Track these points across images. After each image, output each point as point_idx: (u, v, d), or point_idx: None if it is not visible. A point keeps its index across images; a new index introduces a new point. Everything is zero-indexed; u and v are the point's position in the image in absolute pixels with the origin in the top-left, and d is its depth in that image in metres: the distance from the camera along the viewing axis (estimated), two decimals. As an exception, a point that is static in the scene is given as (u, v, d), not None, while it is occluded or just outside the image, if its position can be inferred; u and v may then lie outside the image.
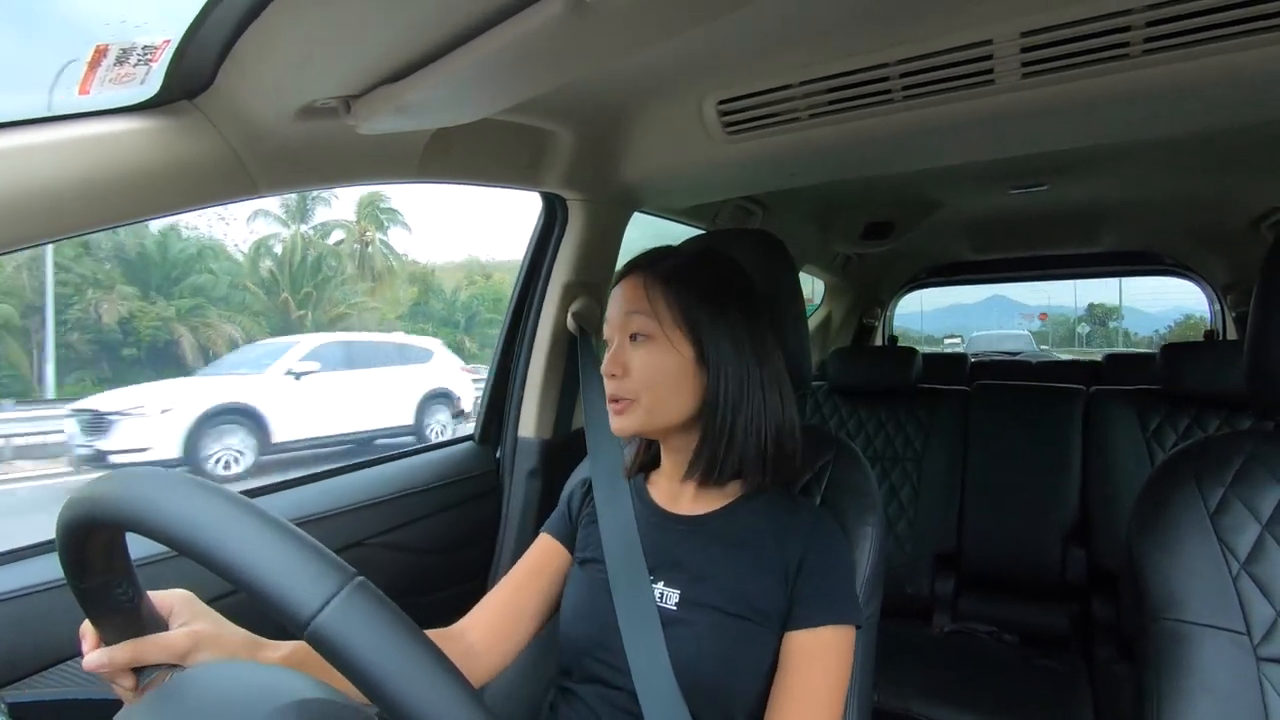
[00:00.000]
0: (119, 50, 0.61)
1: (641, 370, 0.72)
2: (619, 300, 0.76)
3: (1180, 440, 1.62)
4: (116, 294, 16.27)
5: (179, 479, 0.38)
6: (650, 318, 0.73)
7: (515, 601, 0.80)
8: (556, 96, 0.98)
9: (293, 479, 1.06)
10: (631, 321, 0.73)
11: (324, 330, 16.29)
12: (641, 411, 0.73)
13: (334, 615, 0.33)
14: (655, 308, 0.73)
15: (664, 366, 0.72)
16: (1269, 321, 0.74)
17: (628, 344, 0.74)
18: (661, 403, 0.73)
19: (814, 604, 0.69)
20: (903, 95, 0.93)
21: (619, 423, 0.75)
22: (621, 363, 0.73)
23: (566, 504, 0.87)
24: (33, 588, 0.73)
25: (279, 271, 19.12)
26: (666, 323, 0.72)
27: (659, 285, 0.74)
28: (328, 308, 18.94)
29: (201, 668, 0.47)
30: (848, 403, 2.03)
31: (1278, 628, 0.68)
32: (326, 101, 0.71)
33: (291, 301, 18.56)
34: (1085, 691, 1.42)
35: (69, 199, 0.61)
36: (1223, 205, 2.02)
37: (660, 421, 0.74)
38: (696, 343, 0.72)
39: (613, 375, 0.74)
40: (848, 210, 2.14)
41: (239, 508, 0.36)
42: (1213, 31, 0.75)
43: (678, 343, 0.72)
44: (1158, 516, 0.76)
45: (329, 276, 19.54)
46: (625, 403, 0.73)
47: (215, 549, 0.35)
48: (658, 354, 0.72)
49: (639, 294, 0.74)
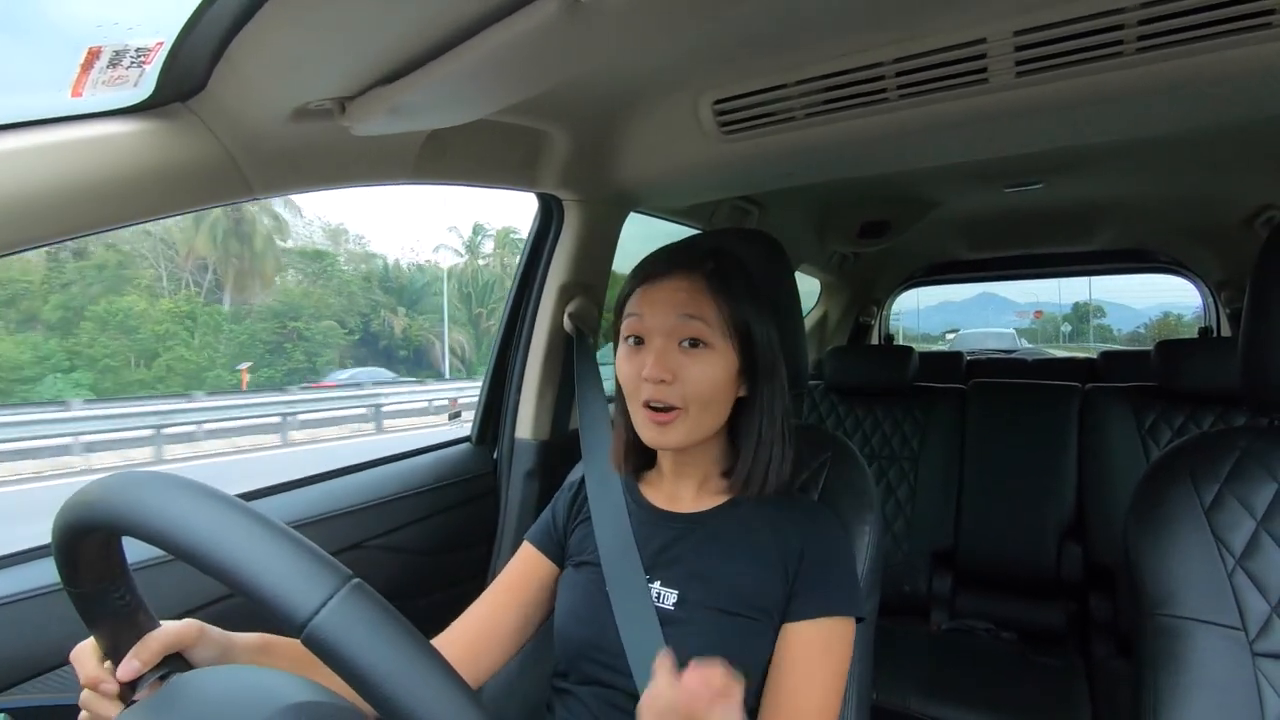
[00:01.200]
0: (112, 52, 0.60)
1: (697, 380, 0.69)
2: (669, 300, 0.71)
3: (1175, 437, 1.63)
4: (400, 312, 23.64)
5: (175, 481, 0.38)
6: (713, 325, 0.69)
7: (494, 617, 0.79)
8: (551, 97, 0.98)
9: (290, 481, 1.06)
10: (688, 326, 0.69)
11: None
12: (690, 423, 0.70)
13: (330, 617, 0.33)
14: (720, 314, 0.70)
15: (719, 378, 0.70)
16: (1263, 319, 0.75)
17: (676, 349, 0.70)
18: (708, 415, 0.71)
19: (813, 596, 0.69)
20: (897, 94, 0.93)
21: (665, 435, 0.70)
22: (672, 368, 0.68)
23: (552, 512, 0.86)
24: (30, 592, 0.73)
25: (472, 293, 26.17)
26: (723, 330, 0.70)
27: (721, 291, 0.70)
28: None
29: (201, 671, 0.47)
30: (844, 401, 2.04)
31: (1273, 623, 0.69)
32: (321, 103, 0.71)
33: (483, 314, 25.59)
34: (1082, 688, 1.42)
35: (62, 202, 0.61)
36: (1216, 203, 2.03)
37: (701, 434, 0.71)
38: (744, 352, 0.71)
39: (661, 381, 0.68)
40: (843, 209, 2.14)
41: (235, 511, 0.36)
42: (1205, 30, 0.76)
43: (729, 352, 0.70)
44: (1153, 513, 0.76)
45: (500, 296, 25.46)
46: (675, 413, 0.69)
47: (211, 552, 0.35)
48: (715, 364, 0.69)
49: (700, 299, 0.70)
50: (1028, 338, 28.88)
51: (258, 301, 20.61)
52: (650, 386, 0.69)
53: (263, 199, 0.79)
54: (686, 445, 0.72)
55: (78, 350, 16.48)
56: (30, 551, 0.77)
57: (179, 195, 0.70)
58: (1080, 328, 38.29)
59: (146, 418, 9.12)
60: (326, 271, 22.89)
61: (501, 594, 0.81)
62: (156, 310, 18.32)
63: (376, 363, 21.62)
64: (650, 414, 0.70)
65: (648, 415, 0.70)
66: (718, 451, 0.77)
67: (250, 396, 12.74)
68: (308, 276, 22.39)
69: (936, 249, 2.94)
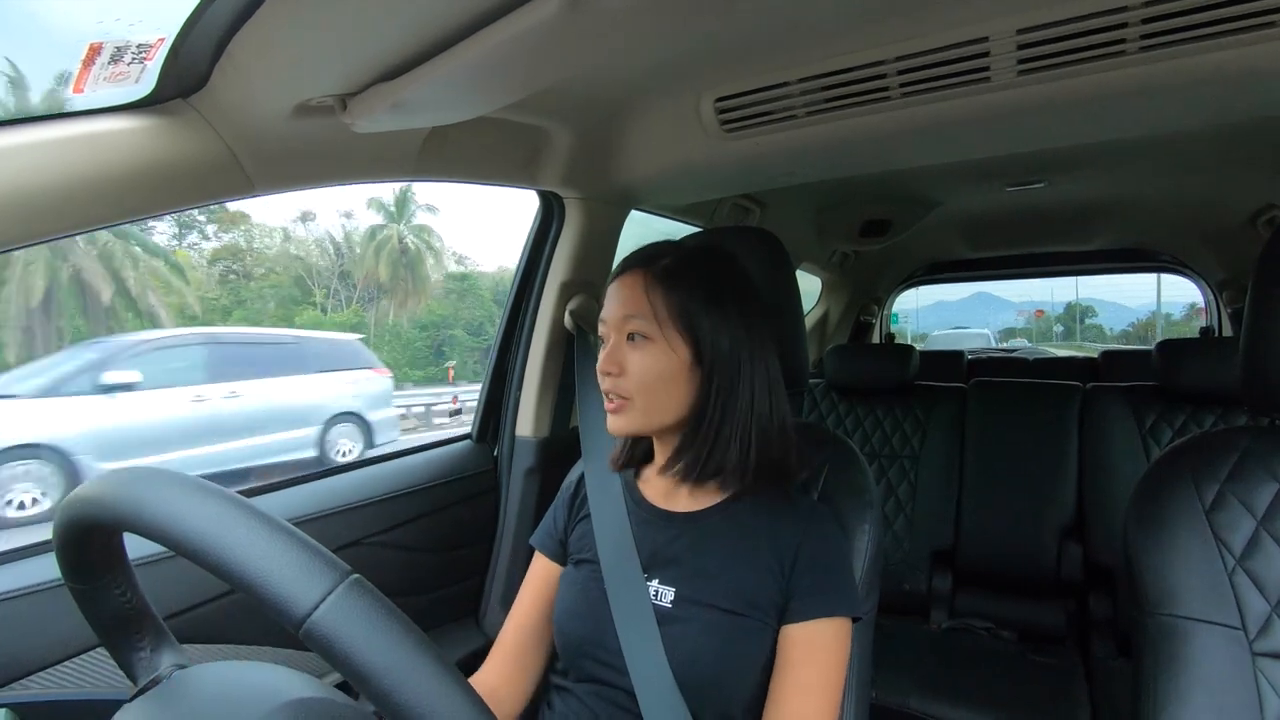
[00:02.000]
0: (113, 48, 0.60)
1: (638, 371, 0.72)
2: (616, 298, 0.75)
3: (1176, 437, 1.63)
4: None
5: (175, 478, 0.38)
6: (648, 319, 0.72)
7: (525, 636, 0.82)
8: (553, 94, 0.98)
9: (291, 478, 1.06)
10: (629, 322, 0.73)
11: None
12: (637, 412, 0.73)
13: (329, 613, 0.33)
14: (654, 308, 0.72)
15: (660, 368, 0.72)
16: (1264, 318, 0.75)
17: (624, 343, 0.73)
18: (657, 403, 0.72)
19: (810, 597, 0.69)
20: (899, 93, 0.93)
21: (615, 422, 0.75)
22: (618, 361, 0.73)
23: (553, 515, 0.87)
24: (33, 587, 0.73)
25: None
26: (665, 324, 0.72)
27: (658, 285, 0.73)
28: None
29: (202, 667, 0.47)
30: (845, 400, 2.04)
31: (1273, 623, 0.69)
32: (322, 100, 0.71)
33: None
34: (1082, 687, 1.42)
35: (64, 198, 0.61)
36: (1218, 202, 2.03)
37: (656, 422, 0.74)
38: (694, 344, 0.72)
39: (608, 373, 0.73)
40: (845, 208, 2.14)
41: (234, 506, 0.36)
42: (1209, 29, 0.76)
43: (675, 344, 0.72)
44: (1154, 512, 0.76)
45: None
46: (621, 402, 0.73)
47: (210, 548, 0.35)
48: (655, 355, 0.72)
49: (637, 294, 0.73)
50: (1026, 337, 29.11)
51: (413, 313, 24.35)
52: (605, 379, 0.74)
53: (263, 195, 0.78)
54: (641, 432, 0.76)
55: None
56: (32, 547, 0.78)
57: (180, 191, 0.70)
58: (1071, 327, 38.97)
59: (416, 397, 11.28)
60: (468, 289, 26.15)
61: (526, 607, 0.83)
62: (330, 321, 21.58)
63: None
64: (607, 404, 0.75)
65: (606, 405, 0.75)
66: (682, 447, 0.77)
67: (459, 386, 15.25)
68: (453, 293, 25.88)
69: (938, 248, 2.94)
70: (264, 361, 6.36)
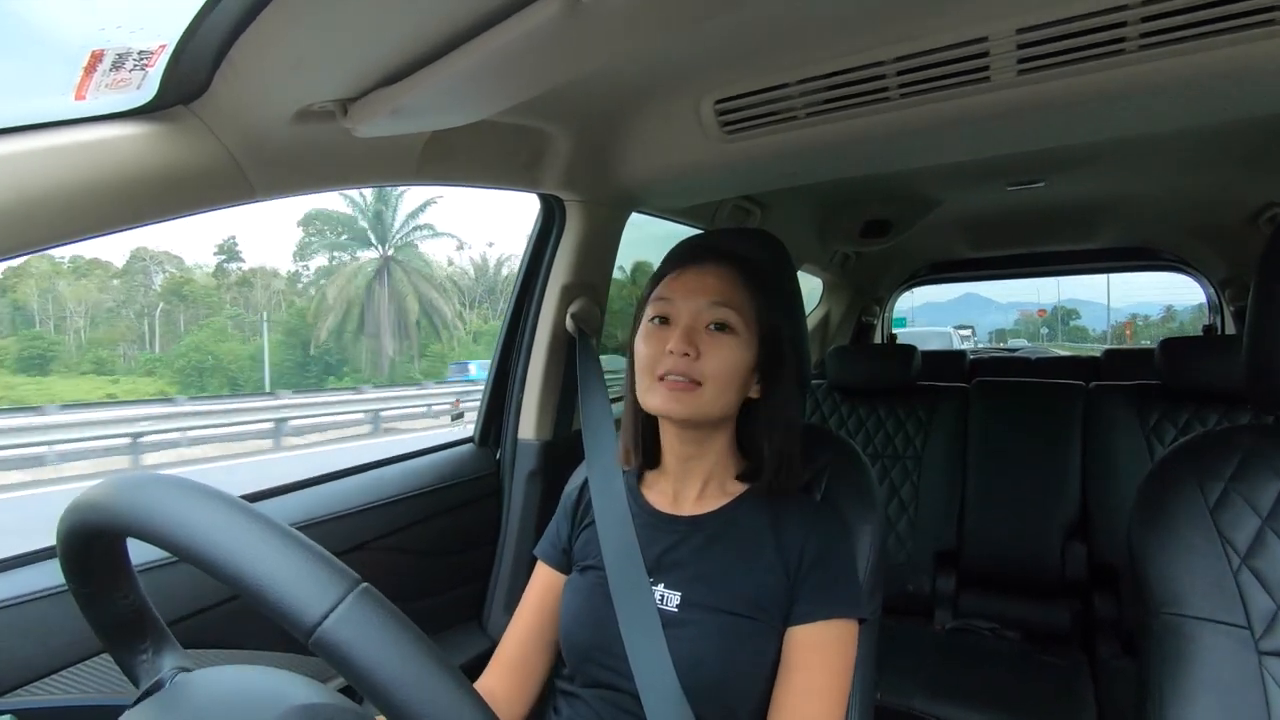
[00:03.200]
0: (115, 55, 0.60)
1: (718, 361, 0.72)
2: (701, 285, 0.74)
3: (1180, 435, 1.63)
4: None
5: (180, 483, 0.38)
6: (739, 313, 0.73)
7: (527, 647, 0.82)
8: (553, 98, 0.98)
9: (294, 483, 1.06)
10: (717, 310, 0.73)
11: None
12: (705, 399, 0.72)
13: (339, 622, 0.33)
14: (750, 304, 0.74)
15: (740, 364, 0.73)
16: (1267, 316, 0.74)
17: (703, 330, 0.73)
18: (723, 396, 0.73)
19: (816, 599, 0.69)
20: (899, 93, 0.93)
21: (680, 402, 0.71)
22: (695, 344, 0.72)
23: (556, 523, 0.87)
24: (36, 593, 0.73)
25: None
26: (751, 322, 0.74)
27: (751, 283, 0.75)
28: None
29: (205, 671, 0.47)
30: (847, 401, 2.04)
31: (1278, 621, 0.68)
32: (323, 105, 0.71)
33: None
34: (1087, 687, 1.42)
35: (65, 206, 0.61)
36: (1220, 200, 2.02)
37: (715, 414, 0.74)
38: (765, 347, 0.74)
39: (685, 354, 0.71)
40: (846, 209, 2.14)
41: (241, 514, 0.36)
42: (1208, 27, 0.75)
43: (752, 343, 0.74)
44: (1158, 512, 0.76)
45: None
46: (691, 385, 0.71)
47: (217, 556, 0.35)
48: (736, 350, 0.73)
49: (732, 287, 0.74)
50: (1025, 337, 29.36)
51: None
52: (672, 359, 0.71)
53: (265, 201, 0.79)
54: (698, 420, 0.73)
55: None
56: (36, 553, 0.78)
57: (182, 198, 0.70)
58: (1055, 328, 40.17)
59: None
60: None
61: (528, 617, 0.83)
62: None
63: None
64: (668, 384, 0.71)
65: (664, 385, 0.72)
66: (724, 450, 0.78)
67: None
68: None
69: (939, 248, 2.94)
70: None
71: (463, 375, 17.88)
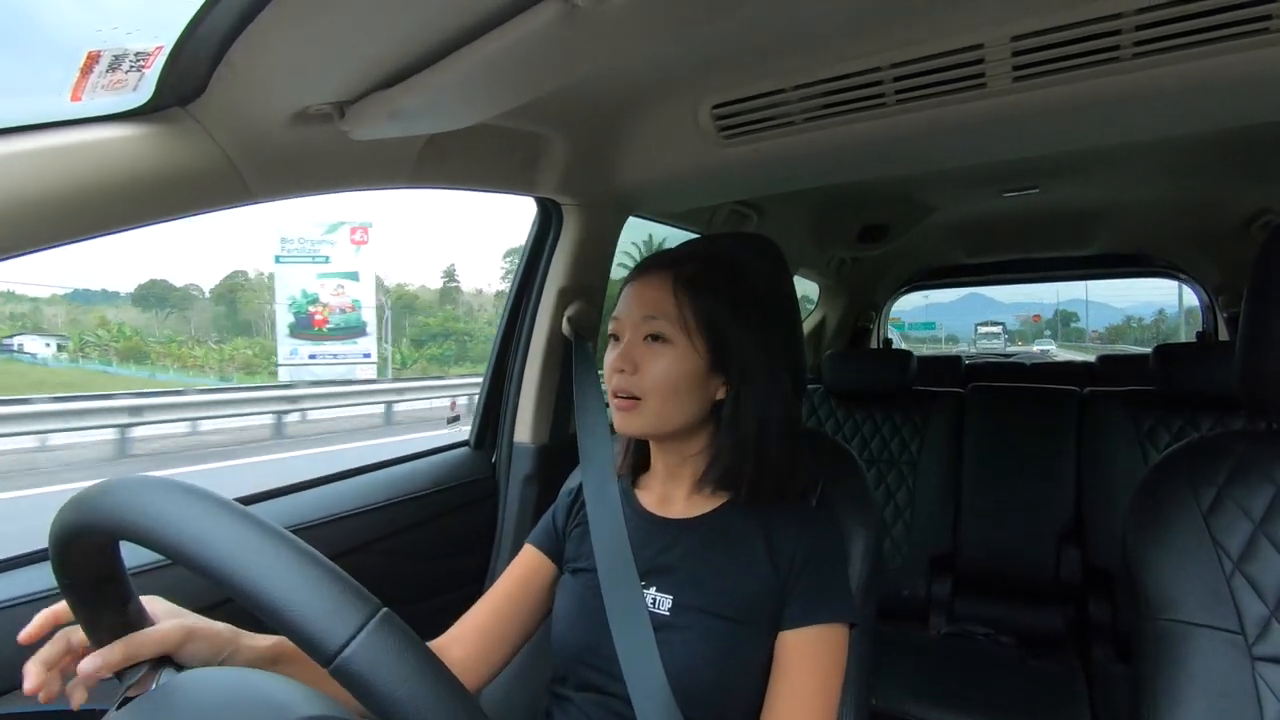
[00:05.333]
0: (111, 56, 0.60)
1: (657, 373, 0.71)
2: (637, 298, 0.74)
3: (1174, 441, 1.63)
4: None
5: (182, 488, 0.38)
6: (672, 322, 0.72)
7: (499, 617, 0.80)
8: (551, 101, 0.98)
9: (289, 485, 1.06)
10: (650, 323, 0.72)
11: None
12: (650, 413, 0.72)
13: (361, 650, 0.33)
14: (680, 312, 0.72)
15: (679, 372, 0.71)
16: (1260, 323, 0.75)
17: (641, 343, 0.73)
18: (671, 407, 0.72)
19: (807, 603, 0.69)
20: (895, 99, 0.93)
21: (626, 421, 0.73)
22: (633, 360, 0.72)
23: (552, 516, 0.86)
24: (24, 598, 0.72)
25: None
26: (690, 328, 0.72)
27: (685, 289, 0.73)
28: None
29: (191, 673, 0.46)
30: (843, 405, 2.04)
31: (1271, 627, 0.69)
32: (320, 107, 0.71)
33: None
34: (1082, 692, 1.42)
35: (60, 207, 0.61)
36: (1213, 207, 2.04)
37: (668, 425, 0.73)
38: (715, 350, 0.72)
39: (621, 370, 0.72)
40: (842, 214, 2.15)
41: (258, 531, 0.36)
42: (1202, 35, 0.76)
43: (697, 350, 0.72)
44: (1152, 517, 0.76)
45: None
46: (632, 401, 0.72)
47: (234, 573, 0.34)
48: (675, 359, 0.71)
49: (663, 296, 0.73)
50: (1022, 338, 29.77)
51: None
52: (617, 376, 0.73)
53: (261, 203, 0.78)
54: (651, 434, 0.76)
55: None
56: (25, 556, 0.77)
57: (178, 199, 0.70)
58: (1055, 329, 40.48)
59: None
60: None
61: (503, 596, 0.81)
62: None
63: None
64: (617, 402, 0.74)
65: (615, 403, 0.74)
66: (703, 452, 0.77)
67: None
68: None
69: (935, 253, 2.95)
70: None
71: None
